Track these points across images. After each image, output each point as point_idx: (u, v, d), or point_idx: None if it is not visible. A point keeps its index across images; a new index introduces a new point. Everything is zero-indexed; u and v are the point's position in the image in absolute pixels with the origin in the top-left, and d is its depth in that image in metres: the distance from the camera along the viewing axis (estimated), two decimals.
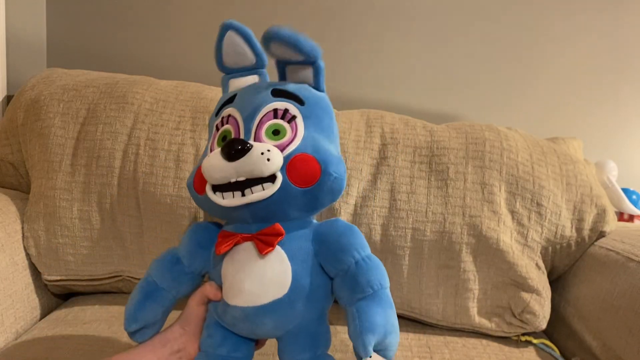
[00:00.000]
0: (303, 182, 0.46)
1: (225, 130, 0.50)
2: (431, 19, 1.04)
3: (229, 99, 0.53)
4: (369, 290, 0.46)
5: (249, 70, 0.55)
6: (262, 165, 0.44)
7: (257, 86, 0.52)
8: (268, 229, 0.47)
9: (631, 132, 1.09)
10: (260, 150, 0.44)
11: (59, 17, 1.04)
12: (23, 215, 0.76)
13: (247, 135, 0.48)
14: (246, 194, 0.45)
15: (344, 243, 0.48)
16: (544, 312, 0.72)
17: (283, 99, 0.50)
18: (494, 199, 0.73)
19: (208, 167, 0.46)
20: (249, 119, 0.48)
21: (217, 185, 0.46)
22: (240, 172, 0.44)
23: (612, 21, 1.04)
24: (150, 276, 0.53)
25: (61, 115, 0.76)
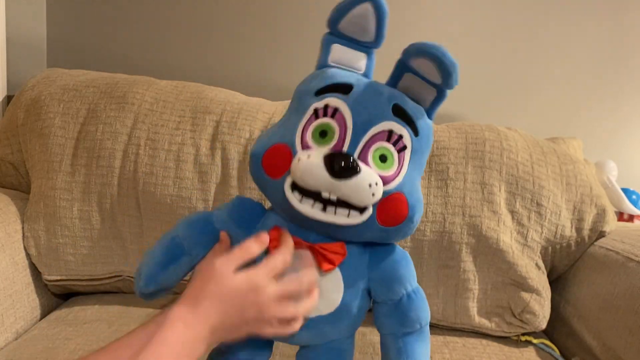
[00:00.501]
0: (387, 223, 0.44)
1: (326, 126, 0.44)
2: (431, 18, 1.04)
3: (341, 85, 0.45)
4: (417, 327, 0.48)
5: (361, 45, 0.48)
6: (364, 197, 0.41)
7: (377, 89, 0.46)
8: (332, 245, 0.45)
9: (631, 132, 1.08)
10: (369, 181, 0.41)
11: (59, 17, 1.04)
12: (23, 215, 0.76)
13: (353, 148, 0.43)
14: (328, 211, 0.42)
15: (399, 274, 0.48)
16: (544, 312, 0.72)
17: (401, 122, 0.44)
18: (494, 199, 0.73)
19: (304, 171, 0.41)
20: (360, 130, 0.43)
21: (301, 186, 0.42)
22: (337, 192, 0.41)
23: (612, 21, 1.04)
24: (178, 237, 0.48)
25: (61, 115, 0.76)
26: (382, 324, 0.49)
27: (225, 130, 0.75)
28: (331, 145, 0.43)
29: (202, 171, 0.73)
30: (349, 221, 0.42)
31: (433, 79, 0.45)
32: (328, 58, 0.48)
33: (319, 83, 0.46)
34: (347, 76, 0.46)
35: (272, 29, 1.05)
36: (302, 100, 0.47)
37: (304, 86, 0.48)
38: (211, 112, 0.76)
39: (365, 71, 0.48)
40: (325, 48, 0.48)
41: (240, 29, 1.05)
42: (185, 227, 0.49)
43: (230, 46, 1.06)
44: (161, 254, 0.48)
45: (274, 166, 0.44)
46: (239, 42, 1.06)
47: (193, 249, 0.48)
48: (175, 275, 0.48)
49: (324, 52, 0.48)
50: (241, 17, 1.04)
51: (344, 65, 0.48)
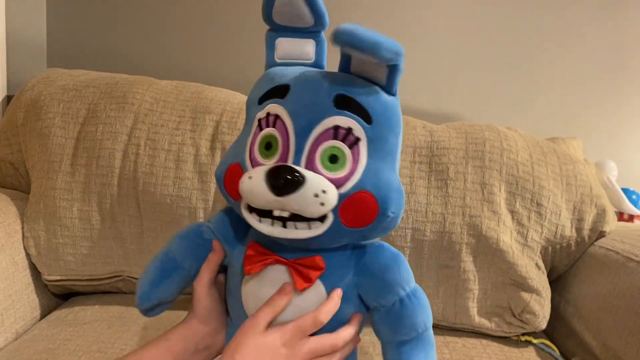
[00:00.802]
0: (355, 224, 0.40)
1: (270, 136, 0.41)
2: (431, 19, 1.04)
3: (279, 88, 0.42)
4: (413, 334, 0.44)
5: (303, 32, 0.44)
6: (312, 208, 0.38)
7: (316, 83, 0.41)
8: (307, 260, 0.42)
9: (631, 132, 1.09)
10: (314, 190, 0.37)
11: (59, 17, 1.04)
12: (23, 215, 0.76)
13: (298, 156, 0.39)
14: (288, 227, 0.39)
15: (389, 279, 0.44)
16: (544, 312, 0.72)
17: (348, 113, 0.40)
18: (493, 199, 0.73)
19: (247, 192, 0.39)
20: (303, 134, 0.40)
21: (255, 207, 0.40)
22: (285, 208, 0.38)
23: (612, 22, 1.04)
24: (171, 252, 0.48)
25: (61, 115, 0.76)
26: (377, 331, 0.47)
27: (225, 130, 0.75)
28: (277, 157, 0.40)
29: (202, 171, 0.73)
30: (312, 233, 0.39)
31: (373, 61, 0.39)
32: (274, 55, 0.45)
33: (260, 89, 0.43)
34: (285, 75, 0.43)
35: None
36: (249, 112, 0.44)
37: (250, 95, 0.45)
38: (211, 112, 0.76)
39: (316, 58, 0.45)
40: (269, 45, 0.46)
41: (241, 29, 1.05)
42: (177, 241, 0.49)
43: (230, 46, 1.06)
44: (154, 271, 0.48)
45: (232, 189, 0.42)
46: (239, 42, 1.06)
47: (185, 261, 0.48)
48: (171, 290, 0.48)
49: (269, 51, 0.46)
50: (241, 17, 1.04)
51: (293, 59, 0.45)
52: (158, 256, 0.49)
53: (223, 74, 1.06)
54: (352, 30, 0.35)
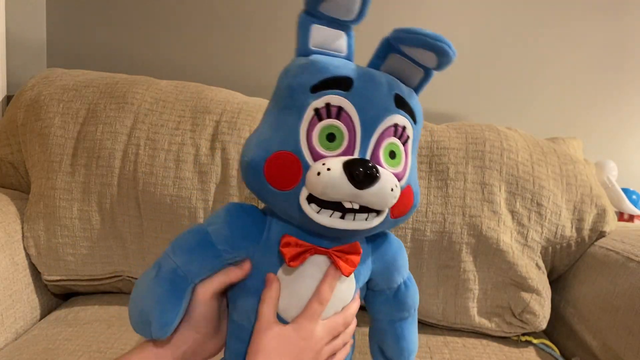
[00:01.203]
0: (398, 214, 0.44)
1: (334, 128, 0.40)
2: (431, 18, 1.04)
3: (339, 79, 0.42)
4: (412, 312, 0.51)
5: (339, 23, 0.43)
6: (388, 201, 0.39)
7: (376, 79, 0.43)
8: (348, 247, 0.44)
9: (631, 132, 1.09)
10: (391, 185, 0.39)
11: (59, 17, 1.04)
12: (23, 215, 0.76)
13: (364, 150, 0.41)
14: (346, 218, 0.39)
15: (399, 263, 0.49)
16: (544, 312, 0.72)
17: (403, 112, 0.42)
18: (494, 199, 0.73)
19: (326, 185, 0.38)
20: (369, 129, 0.41)
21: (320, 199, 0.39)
22: (360, 201, 0.39)
23: (612, 22, 1.04)
24: (180, 269, 0.42)
25: (61, 115, 0.76)
26: (379, 311, 0.51)
27: (225, 130, 0.75)
28: (341, 149, 0.40)
29: (202, 171, 0.73)
30: (369, 224, 0.41)
31: (425, 63, 0.43)
32: (309, 42, 0.44)
33: (312, 77, 0.42)
34: (340, 67, 0.43)
35: (272, 29, 1.05)
36: (294, 98, 0.42)
37: (292, 80, 0.43)
38: (211, 112, 0.76)
39: (347, 52, 0.45)
40: (304, 31, 0.44)
41: (241, 29, 1.05)
42: (185, 257, 0.43)
43: (230, 46, 1.06)
44: (169, 295, 0.42)
45: (281, 177, 0.40)
46: (239, 42, 1.06)
47: (197, 277, 0.43)
48: (184, 307, 0.43)
49: (303, 36, 0.44)
50: (241, 17, 1.04)
51: (326, 49, 0.44)
52: (162, 276, 0.42)
53: (223, 74, 1.06)
54: (422, 31, 0.39)
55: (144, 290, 0.43)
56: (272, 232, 0.44)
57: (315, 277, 0.43)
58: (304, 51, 0.44)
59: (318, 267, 0.43)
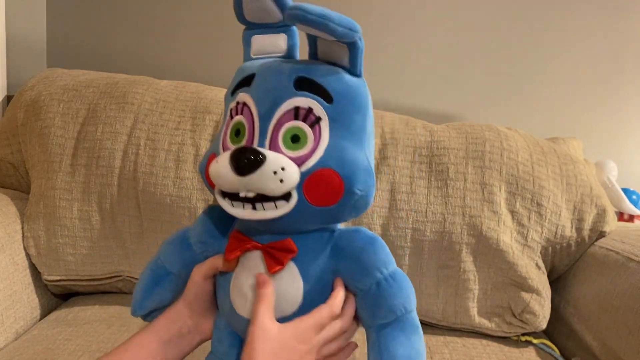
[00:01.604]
0: (322, 202, 0.41)
1: (238, 123, 0.43)
2: (432, 18, 1.04)
3: (246, 78, 0.44)
4: (391, 317, 0.43)
5: (275, 27, 0.45)
6: (272, 185, 0.39)
7: (278, 68, 0.43)
8: (279, 243, 0.43)
9: (631, 132, 1.09)
10: (273, 168, 0.38)
11: (59, 17, 1.04)
12: (23, 215, 0.76)
13: (262, 138, 0.41)
14: (257, 209, 0.40)
15: (364, 261, 0.44)
16: (544, 312, 0.72)
17: (307, 94, 0.41)
18: (494, 199, 0.73)
19: (215, 175, 0.41)
20: (266, 117, 0.41)
21: (227, 192, 0.41)
22: (249, 188, 0.39)
23: (612, 22, 1.04)
24: (160, 259, 0.51)
25: (61, 115, 0.76)
26: (361, 317, 0.46)
27: None
28: (243, 142, 0.42)
29: None
30: (278, 212, 0.40)
31: (329, 38, 0.40)
32: (250, 53, 0.48)
33: (233, 82, 0.46)
34: (252, 66, 0.45)
35: None
36: (225, 105, 0.47)
37: (227, 90, 0.48)
38: (211, 112, 0.76)
39: (288, 51, 0.47)
40: (246, 43, 0.48)
41: (241, 29, 1.05)
42: (165, 249, 0.51)
43: (230, 46, 1.05)
44: (147, 279, 0.50)
45: (209, 178, 0.43)
46: (239, 42, 1.05)
47: (174, 267, 0.50)
48: (164, 296, 0.50)
49: (245, 48, 0.48)
50: None
51: (266, 53, 0.47)
52: (149, 264, 0.51)
53: (223, 74, 1.05)
54: (302, 6, 0.37)
55: (140, 275, 0.51)
56: (232, 229, 0.48)
57: (252, 271, 0.44)
58: (245, 61, 0.48)
59: (255, 262, 0.44)
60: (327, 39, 0.40)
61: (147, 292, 0.50)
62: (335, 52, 0.42)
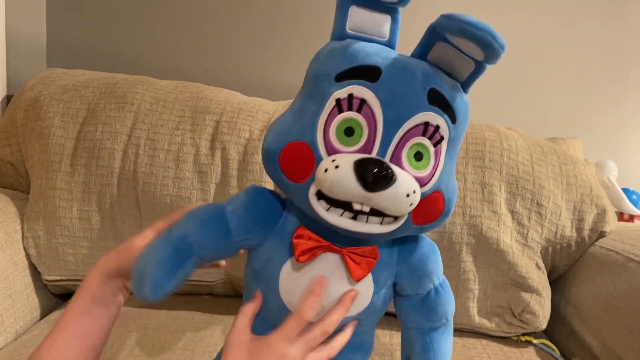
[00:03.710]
0: (423, 222, 0.40)
1: (353, 122, 0.37)
2: (431, 18, 1.04)
3: (366, 68, 0.38)
4: (443, 321, 0.46)
5: (382, 5, 0.39)
6: (401, 208, 0.36)
7: (409, 71, 0.38)
8: (363, 250, 0.41)
9: (631, 132, 1.09)
10: (406, 190, 0.36)
11: (59, 17, 1.04)
12: (23, 215, 0.76)
13: (384, 148, 0.37)
14: (358, 220, 0.37)
15: (428, 268, 0.45)
16: (544, 312, 0.72)
17: (438, 110, 0.38)
18: (494, 199, 0.72)
19: (332, 183, 0.35)
20: (392, 126, 0.37)
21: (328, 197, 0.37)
22: (370, 203, 0.36)
23: (612, 21, 1.04)
24: (188, 238, 0.41)
25: (61, 115, 0.76)
26: (407, 317, 0.47)
27: (225, 130, 0.75)
28: (359, 145, 0.37)
29: (202, 171, 0.73)
30: (383, 229, 0.38)
31: (473, 55, 0.38)
32: (346, 25, 0.40)
33: (339, 65, 0.38)
34: (372, 54, 0.38)
35: (272, 29, 1.05)
36: (318, 86, 0.39)
37: (319, 66, 0.40)
38: (211, 112, 0.76)
39: (390, 37, 0.41)
40: (342, 13, 0.40)
41: (240, 29, 1.05)
42: (196, 227, 0.42)
43: (230, 46, 1.06)
44: (169, 258, 0.41)
45: (294, 169, 0.38)
46: (239, 42, 1.06)
47: (203, 251, 0.42)
48: (182, 278, 0.42)
49: (340, 18, 0.40)
50: (241, 17, 1.04)
51: (365, 33, 0.40)
52: (169, 239, 0.41)
53: (223, 74, 1.06)
54: (467, 18, 0.35)
55: (150, 250, 0.42)
56: (289, 221, 0.43)
57: (325, 274, 0.42)
58: (340, 35, 0.41)
59: (328, 265, 0.41)
60: (468, 55, 0.38)
61: (170, 273, 0.40)
62: (456, 63, 0.39)
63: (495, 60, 0.36)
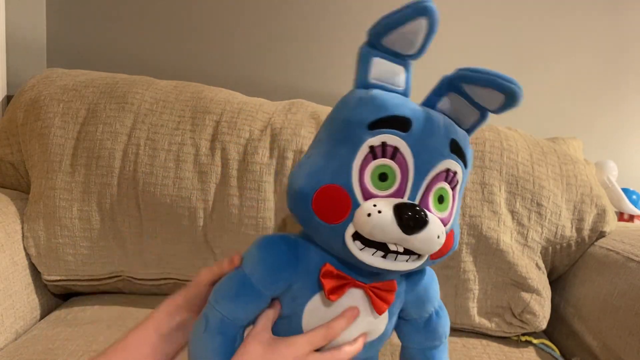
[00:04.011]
0: (437, 257, 0.44)
1: (386, 167, 0.40)
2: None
3: (397, 118, 0.41)
4: (443, 341, 0.51)
5: (399, 57, 0.43)
6: (433, 248, 0.39)
7: (435, 123, 0.43)
8: (384, 284, 0.44)
9: (631, 132, 1.09)
10: (437, 232, 0.39)
11: (59, 17, 1.04)
12: (23, 215, 0.76)
13: (414, 193, 0.40)
14: (388, 258, 0.39)
15: (430, 294, 0.49)
16: (544, 312, 0.72)
17: (456, 158, 0.42)
18: (494, 199, 0.73)
19: (375, 227, 0.38)
20: (421, 172, 0.41)
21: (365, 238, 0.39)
22: (407, 245, 0.38)
23: (612, 21, 1.04)
24: (226, 318, 0.43)
25: (61, 115, 0.76)
26: (409, 339, 0.51)
27: (225, 130, 0.75)
28: (392, 190, 0.40)
29: (202, 171, 0.73)
30: (409, 266, 0.41)
31: (485, 104, 0.43)
32: (369, 75, 0.43)
33: (371, 114, 0.41)
34: (400, 105, 0.42)
35: (272, 29, 1.05)
36: (350, 132, 0.42)
37: (350, 113, 0.43)
38: (211, 112, 0.76)
39: (405, 87, 0.45)
40: (365, 62, 0.43)
41: (240, 29, 1.05)
42: (231, 306, 0.43)
43: (230, 46, 1.06)
44: (222, 347, 0.43)
45: (330, 211, 0.40)
46: (239, 42, 1.05)
47: (245, 322, 0.44)
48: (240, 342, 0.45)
49: (363, 68, 0.43)
50: (241, 17, 1.04)
51: (385, 82, 0.44)
52: (212, 329, 0.43)
53: (223, 74, 1.06)
54: (488, 70, 0.40)
55: (200, 347, 0.43)
56: (312, 259, 0.44)
57: (354, 312, 0.44)
58: (364, 84, 0.44)
59: (354, 300, 0.44)
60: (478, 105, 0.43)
61: (228, 356, 0.42)
62: (463, 112, 0.44)
63: (508, 109, 0.42)
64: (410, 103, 0.44)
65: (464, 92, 0.43)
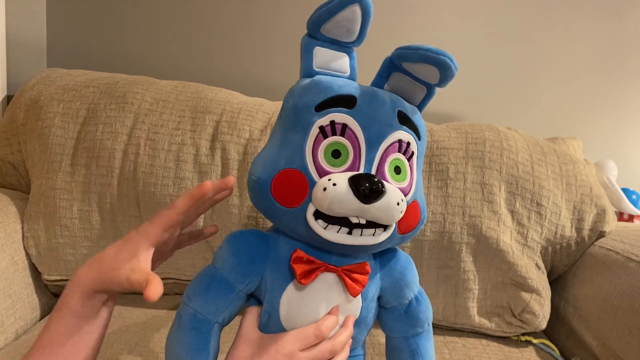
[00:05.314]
0: (406, 230, 0.44)
1: (338, 144, 0.42)
2: (431, 18, 1.04)
3: (342, 97, 0.43)
4: (426, 327, 0.50)
5: (341, 45, 0.45)
6: (394, 215, 0.40)
7: (379, 97, 0.44)
8: (356, 267, 0.44)
9: (631, 132, 1.09)
10: (396, 199, 0.40)
11: (59, 17, 1.04)
12: (23, 215, 0.76)
13: (369, 166, 0.42)
14: (354, 234, 0.40)
15: (408, 279, 0.49)
16: (544, 312, 0.72)
17: (407, 129, 0.44)
18: (494, 199, 0.73)
19: (332, 200, 0.38)
20: (373, 145, 0.42)
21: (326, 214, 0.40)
22: (366, 215, 0.39)
23: (612, 21, 1.04)
24: (200, 313, 0.43)
25: (61, 115, 0.76)
26: (391, 328, 0.51)
27: (225, 130, 0.75)
28: (347, 165, 0.41)
29: (202, 171, 0.73)
30: (376, 240, 0.41)
31: (428, 79, 0.45)
32: (313, 64, 0.45)
33: (317, 97, 0.43)
34: (344, 86, 0.44)
35: (272, 29, 1.05)
36: (299, 117, 0.43)
37: (297, 100, 0.44)
38: (211, 112, 0.76)
39: (350, 73, 0.47)
40: (308, 52, 0.45)
41: (240, 29, 1.05)
42: (201, 300, 0.44)
43: (230, 46, 1.06)
44: (195, 341, 0.43)
45: (288, 194, 0.41)
46: (239, 42, 1.06)
47: (218, 317, 0.44)
48: (216, 347, 0.45)
49: (306, 57, 0.45)
50: (241, 17, 1.04)
51: (329, 70, 0.46)
52: (185, 324, 0.43)
53: (223, 74, 1.06)
54: (423, 46, 0.41)
55: (174, 343, 0.44)
56: (281, 249, 0.45)
57: (324, 294, 0.44)
58: (308, 72, 0.46)
59: (327, 284, 0.44)
60: (418, 78, 0.45)
61: (204, 352, 0.43)
62: (410, 90, 0.47)
63: (448, 81, 0.43)
64: (354, 84, 0.45)
65: (405, 70, 0.45)
